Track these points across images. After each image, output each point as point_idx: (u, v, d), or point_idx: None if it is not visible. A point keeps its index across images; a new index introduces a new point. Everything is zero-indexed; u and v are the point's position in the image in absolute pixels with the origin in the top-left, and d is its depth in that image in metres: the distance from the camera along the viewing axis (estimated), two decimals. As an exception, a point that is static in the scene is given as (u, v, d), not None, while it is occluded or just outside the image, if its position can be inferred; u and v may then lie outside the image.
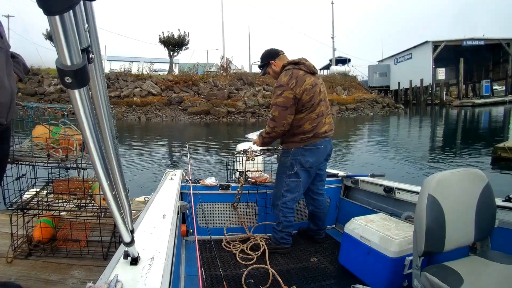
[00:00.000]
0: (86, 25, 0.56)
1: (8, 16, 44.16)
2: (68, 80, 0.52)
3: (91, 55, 0.57)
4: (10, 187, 2.35)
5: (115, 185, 0.83)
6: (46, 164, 2.48)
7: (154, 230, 1.47)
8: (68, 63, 0.51)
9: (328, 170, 3.57)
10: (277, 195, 2.82)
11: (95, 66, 0.64)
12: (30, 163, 2.45)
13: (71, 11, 0.48)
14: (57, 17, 0.46)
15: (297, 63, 2.72)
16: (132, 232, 1.00)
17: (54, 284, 2.23)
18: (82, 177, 2.60)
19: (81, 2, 0.53)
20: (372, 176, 3.12)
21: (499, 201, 1.91)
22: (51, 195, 2.71)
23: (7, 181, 2.30)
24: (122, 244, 1.05)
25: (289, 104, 2.58)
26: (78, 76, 0.53)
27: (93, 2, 0.58)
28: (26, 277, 2.27)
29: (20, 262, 2.44)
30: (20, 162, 2.38)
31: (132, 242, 1.02)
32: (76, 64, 0.52)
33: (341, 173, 3.44)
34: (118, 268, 1.07)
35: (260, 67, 2.98)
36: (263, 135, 2.76)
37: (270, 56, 2.87)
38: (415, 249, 1.57)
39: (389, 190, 2.73)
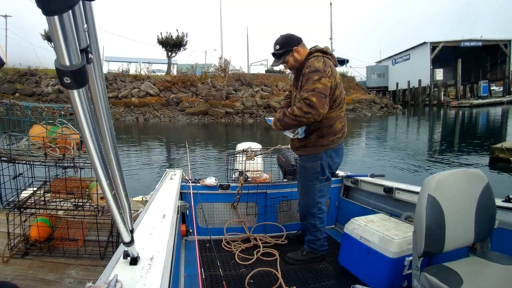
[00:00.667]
0: (85, 25, 0.56)
1: (6, 16, 44.05)
2: (67, 80, 0.52)
3: (90, 55, 0.58)
4: (7, 186, 2.35)
5: (114, 185, 0.83)
6: (43, 163, 2.47)
7: (154, 230, 1.47)
8: (67, 63, 0.51)
9: None
10: (310, 204, 2.59)
11: (94, 66, 0.64)
12: (27, 162, 2.45)
13: (70, 11, 0.48)
14: (56, 17, 0.46)
15: (325, 52, 2.45)
16: (131, 232, 1.00)
17: (51, 284, 2.21)
18: (79, 176, 2.59)
19: (80, 2, 0.52)
20: (372, 176, 3.11)
21: (499, 202, 1.91)
22: (48, 194, 2.70)
23: (3, 180, 2.29)
24: (121, 243, 1.05)
25: (327, 93, 2.27)
26: (77, 77, 0.53)
27: (92, 2, 0.58)
28: (23, 276, 2.25)
29: (16, 261, 2.42)
30: (17, 161, 2.37)
31: (131, 242, 1.02)
32: (75, 64, 0.52)
33: (341, 173, 3.43)
34: (118, 268, 1.07)
35: (277, 55, 2.53)
36: (287, 114, 2.37)
37: (293, 41, 2.47)
38: (415, 250, 1.57)
39: (389, 190, 2.72)
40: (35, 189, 2.72)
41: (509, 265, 1.56)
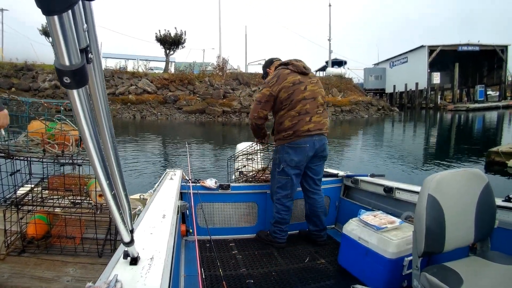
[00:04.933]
0: (85, 25, 0.56)
1: (1, 10, 43.77)
2: (67, 80, 0.52)
3: (90, 55, 0.57)
4: (4, 182, 2.32)
5: (114, 185, 0.83)
6: (41, 160, 2.45)
7: (154, 230, 1.46)
8: (67, 63, 0.51)
9: (328, 170, 3.58)
10: (272, 190, 2.96)
11: (94, 66, 0.64)
12: (25, 158, 2.42)
13: (70, 11, 0.47)
14: (55, 17, 0.46)
15: (286, 64, 2.89)
16: (131, 232, 0.99)
17: (49, 282, 2.19)
18: (78, 173, 2.57)
19: (80, 2, 0.52)
20: (372, 176, 3.12)
21: (499, 201, 1.92)
22: (46, 191, 2.68)
23: (1, 176, 2.27)
24: (122, 244, 1.04)
25: (263, 100, 2.80)
26: (77, 76, 0.53)
27: (92, 2, 0.58)
28: (20, 274, 2.23)
29: (13, 259, 2.39)
30: (15, 157, 2.35)
31: (131, 242, 1.02)
32: (75, 64, 0.51)
33: (341, 173, 3.44)
34: (118, 268, 1.07)
35: (262, 77, 3.26)
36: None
37: (265, 66, 3.21)
38: (415, 249, 1.57)
39: (389, 190, 2.73)
40: (32, 186, 2.70)
41: (509, 264, 1.57)
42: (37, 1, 0.42)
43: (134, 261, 1.10)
